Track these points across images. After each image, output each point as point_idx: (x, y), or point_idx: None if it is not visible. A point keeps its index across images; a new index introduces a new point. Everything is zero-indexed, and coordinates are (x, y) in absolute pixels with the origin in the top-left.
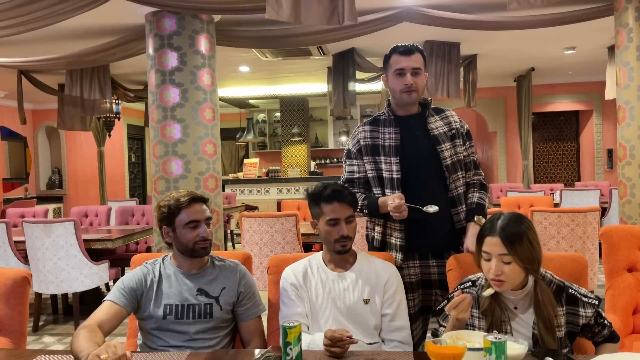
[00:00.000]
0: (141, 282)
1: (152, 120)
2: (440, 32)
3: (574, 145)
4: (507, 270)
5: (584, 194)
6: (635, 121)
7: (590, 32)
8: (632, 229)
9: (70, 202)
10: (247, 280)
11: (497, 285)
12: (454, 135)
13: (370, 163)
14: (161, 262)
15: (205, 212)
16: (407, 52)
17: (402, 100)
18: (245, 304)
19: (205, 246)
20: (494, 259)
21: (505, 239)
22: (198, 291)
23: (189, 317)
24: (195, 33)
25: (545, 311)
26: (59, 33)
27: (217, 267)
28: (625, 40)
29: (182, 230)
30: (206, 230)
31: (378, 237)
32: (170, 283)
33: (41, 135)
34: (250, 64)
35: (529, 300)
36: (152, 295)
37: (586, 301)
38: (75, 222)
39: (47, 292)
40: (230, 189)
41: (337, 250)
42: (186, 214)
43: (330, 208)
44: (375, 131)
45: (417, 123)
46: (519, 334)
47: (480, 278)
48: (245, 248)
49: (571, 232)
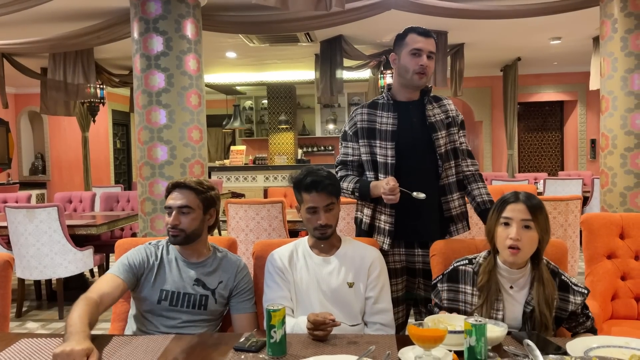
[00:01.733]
0: (144, 261)
1: (137, 105)
2: (427, 20)
3: (558, 135)
4: (525, 238)
5: (567, 183)
6: (618, 111)
7: (576, 22)
8: (612, 217)
9: (54, 188)
10: (245, 277)
11: (513, 254)
12: (450, 123)
13: (365, 146)
14: (165, 245)
15: (178, 200)
16: (426, 34)
17: (412, 81)
18: (240, 298)
19: (174, 234)
20: (514, 225)
21: (529, 205)
22: (196, 281)
23: (183, 306)
24: (181, 17)
25: (547, 288)
26: (42, 15)
27: (218, 259)
28: (610, 31)
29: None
30: (177, 218)
31: (367, 221)
32: (171, 269)
33: (24, 120)
34: (237, 49)
35: (524, 281)
36: (152, 278)
37: (577, 289)
38: (58, 207)
39: (31, 277)
40: (216, 176)
41: (317, 236)
42: (168, 198)
43: (309, 197)
44: (373, 114)
45: (415, 110)
46: (511, 312)
47: (478, 256)
48: (231, 235)
49: (553, 220)
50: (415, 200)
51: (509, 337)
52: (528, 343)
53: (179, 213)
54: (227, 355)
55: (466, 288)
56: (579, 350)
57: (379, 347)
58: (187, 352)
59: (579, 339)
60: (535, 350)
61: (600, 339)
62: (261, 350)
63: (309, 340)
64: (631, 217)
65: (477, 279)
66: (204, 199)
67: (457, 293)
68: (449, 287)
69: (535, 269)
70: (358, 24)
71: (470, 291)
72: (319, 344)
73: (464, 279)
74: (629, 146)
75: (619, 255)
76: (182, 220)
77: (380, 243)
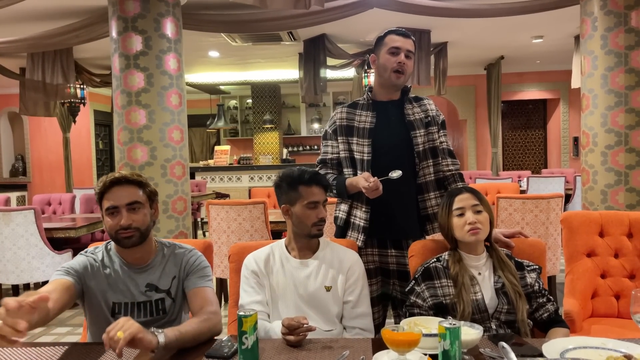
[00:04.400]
0: (86, 268)
1: (116, 105)
2: (410, 19)
3: (541, 133)
4: (481, 219)
5: (549, 180)
6: (599, 109)
7: (557, 21)
8: (591, 215)
9: (35, 189)
10: (193, 257)
11: (475, 234)
12: (429, 123)
13: (343, 143)
14: (104, 251)
15: (126, 198)
16: (405, 34)
17: (390, 80)
18: (192, 276)
19: (127, 235)
20: (468, 211)
21: (473, 193)
22: (147, 286)
23: (140, 316)
24: (161, 16)
25: (505, 265)
26: (19, 14)
27: (167, 256)
28: (590, 29)
29: (105, 218)
30: (129, 216)
31: (342, 216)
32: (116, 278)
33: (3, 121)
34: (220, 49)
35: (488, 266)
36: (97, 290)
37: (530, 267)
38: (35, 210)
39: (7, 282)
40: (200, 176)
41: (313, 234)
42: (106, 199)
43: (310, 191)
44: (352, 113)
45: (394, 109)
46: (487, 293)
47: (442, 255)
48: (212, 236)
49: (535, 218)
50: (391, 198)
51: (485, 339)
52: (503, 345)
53: (129, 211)
54: None
55: (442, 282)
56: (555, 352)
57: (354, 352)
58: None
59: (554, 341)
60: (510, 353)
61: (576, 339)
62: (233, 357)
63: (283, 346)
64: (610, 215)
65: (448, 271)
66: (149, 192)
67: (435, 289)
68: (427, 285)
69: (490, 251)
70: (341, 22)
71: (446, 283)
72: (292, 350)
73: (437, 275)
74: (609, 144)
75: (599, 253)
76: (135, 218)
77: (354, 239)
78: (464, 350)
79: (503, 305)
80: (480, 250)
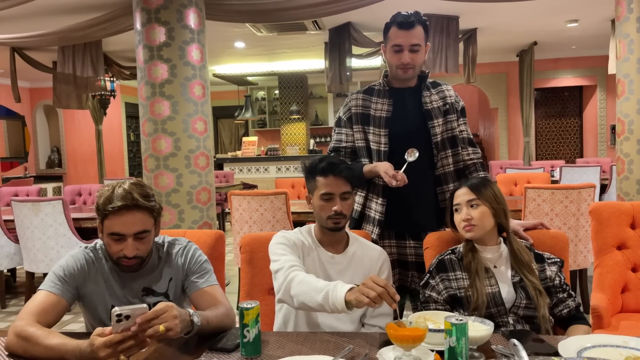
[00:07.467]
0: (83, 269)
1: (141, 97)
2: (438, 4)
3: (577, 121)
4: (475, 214)
5: (584, 170)
6: (635, 95)
7: (592, 4)
8: (622, 206)
9: (70, 180)
10: (192, 254)
11: (469, 230)
12: (448, 110)
13: (359, 132)
14: (103, 251)
15: (135, 226)
16: (407, 25)
17: (397, 75)
18: (192, 277)
19: (130, 264)
20: (462, 207)
21: (470, 186)
22: (144, 291)
23: None
24: (183, 7)
25: (523, 257)
26: (47, 8)
27: (162, 257)
28: (626, 12)
29: (106, 237)
30: (135, 246)
31: (357, 209)
32: (113, 282)
33: (39, 114)
34: (246, 39)
35: (505, 259)
36: (93, 294)
37: (550, 261)
38: (63, 200)
39: (38, 270)
40: (228, 167)
41: (329, 227)
42: (112, 222)
43: (325, 181)
44: (368, 100)
45: (411, 97)
46: (504, 287)
47: (458, 247)
48: (235, 227)
49: (565, 209)
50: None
51: (497, 335)
52: (514, 342)
53: (136, 239)
54: (201, 355)
55: (457, 274)
56: (571, 351)
57: (359, 347)
58: (159, 351)
59: (572, 338)
60: (521, 351)
61: (595, 337)
62: (235, 349)
63: (285, 339)
64: None
65: (462, 264)
66: (157, 214)
67: (450, 281)
68: (441, 278)
69: (507, 243)
70: (366, 10)
71: (461, 276)
72: (295, 343)
73: (452, 267)
74: None
75: (630, 246)
76: (140, 247)
77: (369, 233)
78: (474, 347)
79: (521, 300)
80: (493, 242)
